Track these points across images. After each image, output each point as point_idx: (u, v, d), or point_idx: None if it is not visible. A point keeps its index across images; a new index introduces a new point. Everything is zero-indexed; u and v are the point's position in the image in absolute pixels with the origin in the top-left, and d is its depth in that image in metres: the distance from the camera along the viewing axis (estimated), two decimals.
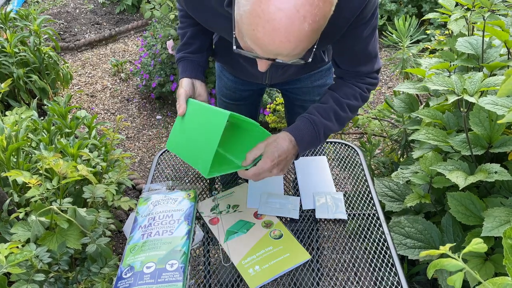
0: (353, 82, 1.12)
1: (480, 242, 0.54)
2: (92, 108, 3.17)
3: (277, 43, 0.75)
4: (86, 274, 1.20)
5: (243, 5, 0.75)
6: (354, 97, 1.11)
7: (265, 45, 0.77)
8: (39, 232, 1.20)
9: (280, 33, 0.73)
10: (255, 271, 1.00)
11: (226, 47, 1.24)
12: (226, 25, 1.02)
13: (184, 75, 1.16)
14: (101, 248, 1.22)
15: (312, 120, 1.07)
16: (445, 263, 0.53)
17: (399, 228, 1.34)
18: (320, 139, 1.08)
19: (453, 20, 1.57)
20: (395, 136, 2.10)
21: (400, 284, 0.97)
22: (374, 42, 1.06)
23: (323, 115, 1.07)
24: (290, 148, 1.03)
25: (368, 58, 1.08)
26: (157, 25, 2.95)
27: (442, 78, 1.31)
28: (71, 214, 1.24)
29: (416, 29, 2.31)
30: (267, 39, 0.75)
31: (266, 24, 0.73)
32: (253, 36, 0.76)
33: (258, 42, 0.77)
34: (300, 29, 0.73)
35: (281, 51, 0.78)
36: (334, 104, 1.09)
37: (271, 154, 1.00)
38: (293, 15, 0.71)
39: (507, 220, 1.06)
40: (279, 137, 1.03)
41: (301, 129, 1.06)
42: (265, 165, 0.99)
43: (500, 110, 1.13)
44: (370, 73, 1.11)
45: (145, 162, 2.70)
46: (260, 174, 1.00)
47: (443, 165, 1.25)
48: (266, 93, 2.68)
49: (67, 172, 1.21)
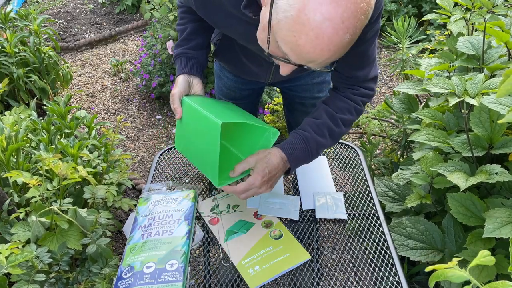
0: (347, 95, 1.10)
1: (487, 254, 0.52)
2: (92, 108, 3.16)
3: (318, 51, 0.75)
4: (87, 274, 1.20)
5: (284, 11, 0.74)
6: (349, 111, 1.09)
7: (304, 53, 0.77)
8: (39, 232, 1.20)
9: (323, 42, 0.74)
10: (255, 271, 1.00)
11: (229, 46, 1.23)
12: (238, 26, 1.01)
13: (181, 72, 1.14)
14: (102, 249, 1.21)
15: (304, 137, 1.05)
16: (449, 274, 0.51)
17: (400, 228, 1.34)
18: (312, 156, 1.07)
19: (453, 21, 1.57)
20: (395, 136, 2.10)
21: (400, 284, 0.97)
22: (374, 47, 1.05)
23: (316, 131, 1.06)
24: (281, 165, 1.02)
25: (366, 62, 1.07)
26: (157, 25, 2.95)
27: (443, 80, 1.31)
28: (72, 215, 1.23)
29: (416, 29, 2.31)
30: (309, 46, 0.75)
31: (310, 32, 0.73)
32: (293, 43, 0.76)
33: (298, 49, 0.77)
34: (342, 40, 0.74)
35: (317, 59, 0.78)
36: (328, 120, 1.07)
37: (261, 171, 0.99)
38: (338, 26, 0.72)
39: (508, 221, 1.06)
40: (271, 153, 1.02)
41: (293, 146, 1.04)
42: (255, 181, 0.99)
43: (503, 109, 1.13)
44: (366, 81, 1.09)
45: (145, 162, 2.70)
46: (249, 190, 1.00)
47: (443, 166, 1.24)
48: (266, 93, 2.68)
49: (67, 173, 1.21)
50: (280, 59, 0.84)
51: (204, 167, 1.04)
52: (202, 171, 1.07)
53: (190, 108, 1.04)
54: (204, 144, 1.00)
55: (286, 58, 0.82)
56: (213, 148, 0.95)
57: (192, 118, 1.04)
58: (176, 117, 1.06)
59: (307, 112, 1.48)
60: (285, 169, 1.04)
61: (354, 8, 0.72)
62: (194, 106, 1.02)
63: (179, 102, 1.07)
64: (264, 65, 1.22)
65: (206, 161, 1.02)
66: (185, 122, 1.07)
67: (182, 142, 1.11)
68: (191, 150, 1.08)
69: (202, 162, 1.05)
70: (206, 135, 0.98)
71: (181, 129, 1.09)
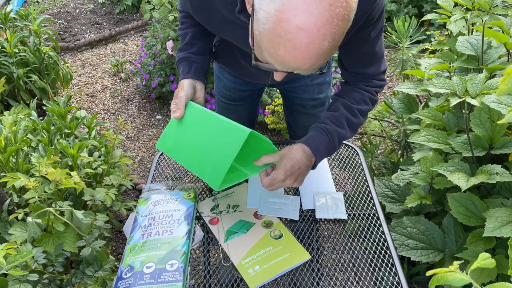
0: (361, 86, 1.12)
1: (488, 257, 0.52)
2: (92, 108, 3.16)
3: (298, 60, 0.76)
4: (81, 277, 1.20)
5: (263, 23, 0.75)
6: (364, 101, 1.12)
7: (286, 62, 0.78)
8: (35, 233, 1.19)
9: (301, 52, 0.74)
10: (255, 271, 1.00)
11: (227, 48, 1.23)
12: (234, 30, 1.02)
13: (186, 76, 1.14)
14: (96, 252, 1.21)
15: (326, 130, 1.07)
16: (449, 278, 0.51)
17: (401, 228, 1.34)
18: (335, 147, 1.09)
19: (453, 21, 1.57)
20: (395, 136, 2.10)
21: (400, 284, 0.97)
22: (380, 44, 1.06)
23: (336, 123, 1.08)
24: (304, 158, 1.03)
25: (374, 60, 1.09)
26: (157, 25, 2.95)
27: (443, 80, 1.31)
28: (68, 217, 1.23)
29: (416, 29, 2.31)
30: (288, 57, 0.76)
31: (287, 43, 0.74)
32: (274, 54, 0.77)
33: (279, 59, 0.78)
34: (320, 47, 0.74)
35: (301, 67, 0.79)
36: (345, 111, 1.09)
37: (283, 165, 1.01)
38: (313, 34, 0.72)
39: (508, 221, 1.06)
40: (293, 148, 1.04)
41: (315, 139, 1.06)
42: (278, 176, 1.00)
43: (504, 109, 1.13)
44: (377, 75, 1.11)
45: (145, 162, 2.70)
46: (274, 184, 1.02)
47: (444, 166, 1.24)
48: (266, 93, 2.68)
49: (61, 179, 1.20)
50: (269, 67, 0.86)
51: (201, 169, 1.03)
52: (196, 173, 1.06)
53: (201, 112, 1.05)
54: (214, 147, 1.00)
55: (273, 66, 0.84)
56: (228, 153, 0.96)
57: (202, 122, 1.04)
58: (175, 116, 1.05)
59: (307, 113, 1.48)
60: (310, 163, 1.05)
61: (328, 15, 0.71)
62: (209, 111, 1.04)
63: (184, 104, 1.07)
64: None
65: (208, 164, 1.01)
66: (188, 122, 1.06)
67: (169, 142, 1.10)
68: (184, 150, 1.07)
69: (200, 164, 1.04)
70: (223, 139, 0.99)
71: (174, 130, 1.08)
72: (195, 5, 1.06)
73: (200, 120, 1.05)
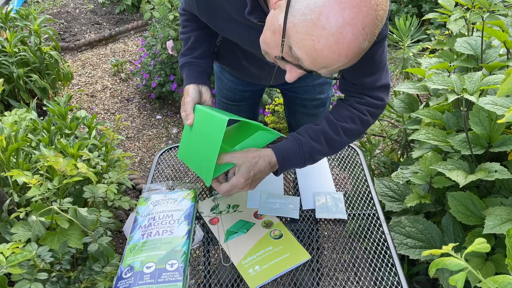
0: (352, 103, 1.06)
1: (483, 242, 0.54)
2: (92, 108, 3.17)
3: (335, 56, 0.74)
4: (88, 273, 1.20)
5: (303, 14, 0.72)
6: (352, 120, 1.05)
7: (321, 57, 0.75)
8: (40, 232, 1.20)
9: (342, 48, 0.73)
10: (255, 271, 1.00)
11: (230, 49, 1.23)
12: (242, 31, 1.01)
13: (189, 81, 1.13)
14: (103, 247, 1.22)
15: (298, 140, 1.03)
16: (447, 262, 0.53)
17: (399, 228, 1.34)
18: (305, 160, 1.04)
19: (453, 20, 1.57)
20: (395, 136, 2.10)
21: (400, 284, 0.97)
22: (382, 52, 1.01)
23: (312, 137, 1.04)
24: (268, 168, 1.01)
25: (373, 68, 1.03)
26: (157, 25, 2.95)
27: (442, 78, 1.31)
28: (72, 214, 1.24)
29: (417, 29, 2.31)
30: (327, 51, 0.73)
31: (331, 36, 0.71)
32: (311, 47, 0.74)
33: (314, 53, 0.75)
34: (360, 46, 0.74)
35: (333, 65, 0.76)
36: (327, 127, 1.04)
37: (246, 173, 0.98)
38: (358, 32, 0.71)
39: (508, 219, 1.06)
40: (261, 157, 1.01)
41: (284, 148, 1.03)
42: (238, 183, 0.99)
43: (499, 110, 1.13)
44: (373, 89, 1.05)
45: (145, 162, 2.70)
46: (232, 190, 1.01)
47: (443, 164, 1.25)
48: (266, 93, 2.68)
49: (66, 169, 1.21)
50: (291, 64, 0.82)
51: (200, 168, 1.04)
52: (197, 172, 1.06)
53: (201, 113, 1.05)
54: (207, 143, 1.00)
55: (297, 63, 0.81)
56: (214, 147, 0.96)
57: (201, 122, 1.05)
58: (188, 123, 1.05)
59: (308, 113, 1.48)
60: (270, 171, 1.04)
61: (374, 15, 0.71)
62: (204, 110, 1.04)
63: (192, 109, 1.07)
64: (266, 68, 1.22)
65: (203, 161, 1.01)
66: (195, 128, 1.06)
67: (185, 150, 1.11)
68: (193, 155, 1.08)
69: (199, 163, 1.04)
70: (211, 133, 0.99)
71: (188, 136, 1.09)
72: (202, 6, 1.04)
73: (200, 120, 1.05)
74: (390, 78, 1.08)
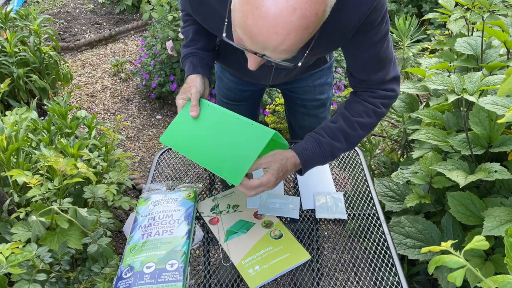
0: (365, 98, 1.08)
1: (482, 239, 0.54)
2: (92, 108, 3.17)
3: (265, 33, 0.74)
4: (87, 274, 1.20)
5: None
6: (367, 114, 1.07)
7: (254, 34, 0.75)
8: (40, 232, 1.20)
9: (268, 22, 0.72)
10: (255, 271, 1.00)
11: (229, 49, 1.23)
12: None
13: (194, 71, 1.12)
14: (103, 248, 1.22)
15: (319, 141, 1.06)
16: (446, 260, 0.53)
17: (399, 227, 1.34)
18: (326, 159, 1.08)
19: (453, 20, 1.57)
20: (395, 136, 2.10)
21: (400, 284, 0.97)
22: (386, 48, 1.01)
23: (331, 136, 1.06)
24: (292, 169, 1.05)
25: (380, 65, 1.04)
26: (157, 25, 2.95)
27: (442, 78, 1.31)
28: (72, 214, 1.24)
29: (417, 29, 2.31)
30: (255, 27, 0.74)
31: (255, 10, 0.72)
32: (243, 24, 0.75)
33: (247, 30, 0.75)
34: (288, 21, 0.72)
35: (268, 43, 0.76)
36: (344, 124, 1.07)
37: (277, 172, 1.00)
38: (282, 4, 0.70)
39: (507, 220, 1.06)
40: (288, 158, 1.03)
41: (308, 150, 1.06)
42: (268, 182, 1.00)
43: (500, 110, 1.13)
44: (383, 83, 1.06)
45: (145, 162, 2.70)
46: (259, 188, 1.01)
47: (443, 164, 1.25)
48: (266, 93, 2.68)
49: (66, 169, 1.21)
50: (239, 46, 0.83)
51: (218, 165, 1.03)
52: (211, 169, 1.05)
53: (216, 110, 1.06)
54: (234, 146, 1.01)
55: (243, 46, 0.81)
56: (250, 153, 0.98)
57: (217, 119, 1.05)
58: (193, 115, 1.06)
59: (308, 113, 1.48)
60: (294, 170, 1.07)
61: None
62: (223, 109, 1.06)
63: (197, 100, 1.07)
64: (264, 68, 1.22)
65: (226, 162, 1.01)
66: (201, 122, 1.07)
67: (176, 137, 1.10)
68: (194, 147, 1.07)
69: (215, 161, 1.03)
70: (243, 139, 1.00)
71: (184, 125, 1.08)
72: (195, 6, 1.06)
73: (214, 117, 1.05)
74: (399, 69, 1.09)
